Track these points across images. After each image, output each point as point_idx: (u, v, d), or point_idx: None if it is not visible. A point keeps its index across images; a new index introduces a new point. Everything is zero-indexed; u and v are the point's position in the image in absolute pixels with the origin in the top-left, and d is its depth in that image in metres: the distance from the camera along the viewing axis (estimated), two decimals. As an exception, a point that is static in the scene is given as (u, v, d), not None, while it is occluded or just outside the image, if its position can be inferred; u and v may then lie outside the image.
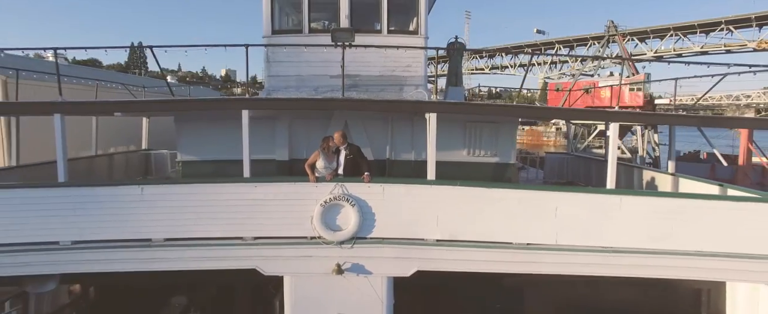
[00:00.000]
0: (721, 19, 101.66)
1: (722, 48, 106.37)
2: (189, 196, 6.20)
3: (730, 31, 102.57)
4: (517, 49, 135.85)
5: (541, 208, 6.32)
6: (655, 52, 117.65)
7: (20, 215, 6.06)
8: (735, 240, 6.33)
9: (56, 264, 6.21)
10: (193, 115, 7.49)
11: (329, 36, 6.63)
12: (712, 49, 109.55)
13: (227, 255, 6.23)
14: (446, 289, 6.96)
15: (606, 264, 6.35)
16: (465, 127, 8.10)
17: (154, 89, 14.83)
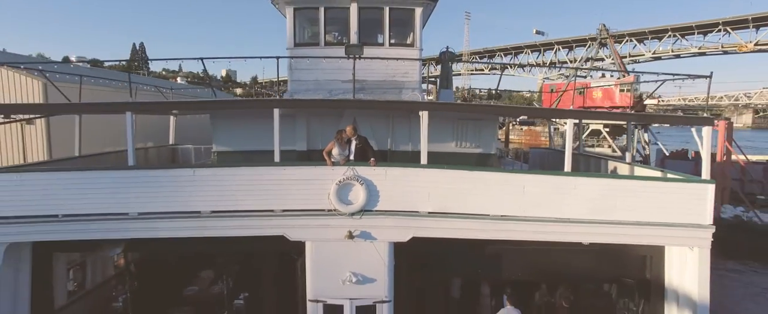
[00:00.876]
0: (719, 20, 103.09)
1: (720, 49, 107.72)
2: (231, 177, 7.87)
3: (728, 32, 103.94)
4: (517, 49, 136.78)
5: (512, 187, 8.00)
6: (653, 53, 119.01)
7: (100, 192, 7.73)
8: (668, 213, 8.00)
9: (126, 231, 7.87)
10: (227, 112, 9.18)
11: (341, 48, 8.32)
12: (709, 50, 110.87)
13: (261, 224, 7.88)
14: (437, 255, 8.62)
15: (565, 232, 8.02)
16: (454, 124, 9.80)
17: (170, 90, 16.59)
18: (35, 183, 7.75)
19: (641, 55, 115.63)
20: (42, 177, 7.86)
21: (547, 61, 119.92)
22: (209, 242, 8.13)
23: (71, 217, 7.75)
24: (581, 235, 8.07)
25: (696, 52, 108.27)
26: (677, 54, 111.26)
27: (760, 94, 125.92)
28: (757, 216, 22.02)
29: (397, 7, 9.26)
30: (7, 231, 7.66)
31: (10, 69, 15.66)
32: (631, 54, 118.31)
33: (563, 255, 8.99)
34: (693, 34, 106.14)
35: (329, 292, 7.96)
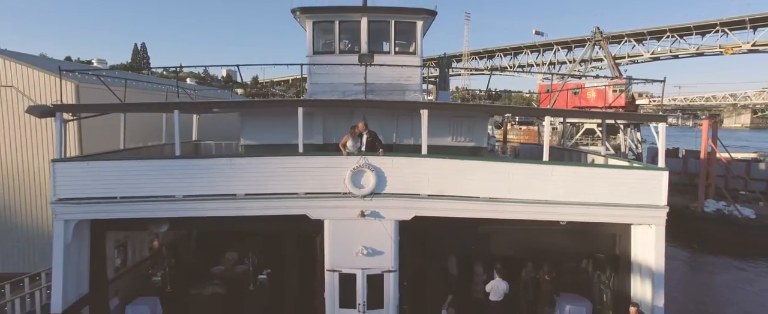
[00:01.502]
0: (717, 21, 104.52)
1: (718, 49, 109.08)
2: (262, 165, 9.41)
3: (725, 33, 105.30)
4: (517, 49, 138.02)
5: (499, 174, 9.54)
6: (651, 53, 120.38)
7: (151, 177, 9.26)
8: (631, 196, 9.53)
9: (173, 211, 9.40)
10: (255, 111, 10.73)
11: (352, 55, 9.86)
12: (707, 51, 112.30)
13: (286, 205, 9.41)
14: (436, 233, 10.14)
15: (544, 211, 9.53)
16: (450, 121, 11.35)
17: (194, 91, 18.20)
18: (99, 171, 9.30)
19: (640, 55, 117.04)
20: (104, 165, 9.41)
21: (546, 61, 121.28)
22: (242, 220, 9.67)
23: (127, 199, 9.30)
24: (558, 215, 9.59)
25: (694, 52, 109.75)
26: (675, 54, 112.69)
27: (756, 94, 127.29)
28: (738, 211, 23.58)
29: (401, 20, 10.85)
30: (76, 210, 9.20)
31: (44, 71, 17.21)
32: (629, 54, 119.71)
33: (545, 234, 10.54)
34: (691, 35, 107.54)
35: (344, 263, 9.49)
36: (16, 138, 17.05)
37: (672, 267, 20.63)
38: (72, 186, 9.22)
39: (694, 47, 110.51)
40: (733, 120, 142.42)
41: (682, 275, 20.50)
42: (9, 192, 17.24)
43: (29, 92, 16.82)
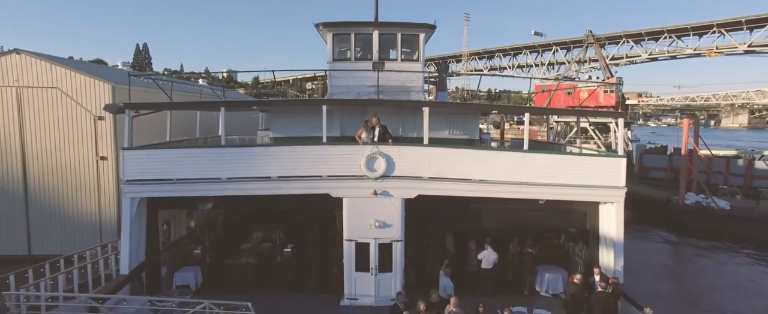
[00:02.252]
0: (713, 22, 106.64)
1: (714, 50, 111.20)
2: (292, 153, 11.55)
3: (722, 34, 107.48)
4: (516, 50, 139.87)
5: (487, 160, 11.68)
6: (649, 54, 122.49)
7: (202, 163, 11.39)
8: (597, 178, 11.65)
9: (218, 190, 11.53)
10: (284, 108, 12.90)
11: (365, 62, 11.98)
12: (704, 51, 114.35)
13: (312, 186, 11.52)
14: (435, 210, 12.25)
15: (525, 191, 11.63)
16: (447, 117, 13.50)
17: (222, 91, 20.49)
18: (159, 157, 11.46)
19: (638, 56, 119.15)
20: (163, 153, 11.57)
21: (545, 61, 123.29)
22: (274, 199, 11.80)
23: (182, 180, 11.43)
24: (537, 194, 11.70)
25: (691, 53, 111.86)
26: (673, 55, 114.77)
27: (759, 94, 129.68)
28: (715, 203, 25.77)
29: (406, 33, 13.03)
30: (140, 190, 11.34)
31: (83, 73, 19.35)
32: (628, 55, 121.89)
33: (527, 213, 12.66)
34: (688, 36, 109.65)
35: (360, 234, 11.62)
36: (59, 134, 19.17)
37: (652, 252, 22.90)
38: (137, 170, 11.36)
39: (691, 48, 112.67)
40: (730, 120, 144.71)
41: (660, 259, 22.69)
42: (52, 182, 19.36)
43: (71, 93, 18.95)
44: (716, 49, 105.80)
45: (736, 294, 18.01)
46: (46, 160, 19.27)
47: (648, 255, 22.45)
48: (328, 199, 11.57)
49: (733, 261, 21.72)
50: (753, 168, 30.42)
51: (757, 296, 17.75)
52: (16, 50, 18.95)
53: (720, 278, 19.70)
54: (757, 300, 17.37)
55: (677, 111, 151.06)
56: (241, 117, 21.51)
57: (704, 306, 16.84)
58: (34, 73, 18.83)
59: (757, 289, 18.50)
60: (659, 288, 18.34)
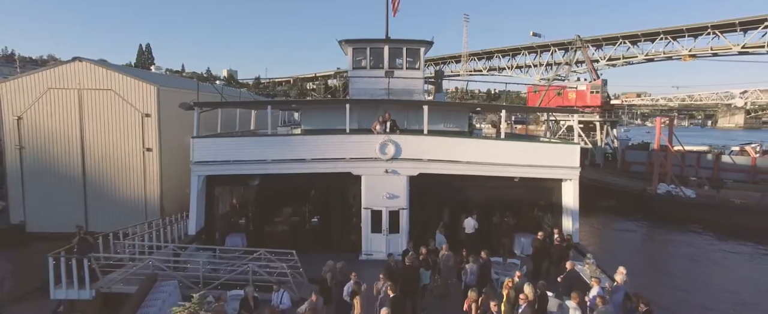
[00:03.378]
0: (708, 23, 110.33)
1: (709, 51, 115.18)
2: (323, 139, 15.23)
3: (717, 36, 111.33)
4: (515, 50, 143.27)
5: (473, 146, 15.36)
6: (645, 55, 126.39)
7: (253, 148, 15.06)
8: (559, 161, 15.33)
9: (263, 169, 15.19)
10: (313, 106, 16.61)
11: (377, 70, 15.68)
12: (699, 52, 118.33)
13: (338, 166, 15.16)
14: (432, 189, 15.88)
15: (503, 170, 15.31)
16: (443, 113, 17.20)
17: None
18: (220, 144, 15.12)
19: (634, 57, 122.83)
20: (223, 141, 15.25)
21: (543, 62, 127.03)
22: (307, 177, 15.46)
23: (238, 162, 15.10)
24: (513, 173, 15.36)
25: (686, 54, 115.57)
26: (669, 56, 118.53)
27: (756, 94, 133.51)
28: (682, 192, 29.49)
29: (410, 47, 16.78)
30: (205, 169, 15.00)
31: (133, 77, 23.01)
32: (624, 56, 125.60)
33: (506, 189, 16.30)
34: (684, 37, 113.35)
35: (374, 203, 15.27)
36: (112, 129, 22.84)
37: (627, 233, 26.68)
38: (203, 154, 15.03)
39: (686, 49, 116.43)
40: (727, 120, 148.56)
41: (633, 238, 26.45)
42: (106, 170, 23.02)
43: (123, 94, 22.62)
44: (690, 53, 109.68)
45: (692, 262, 21.81)
46: (101, 151, 22.94)
47: (624, 235, 26.24)
48: (349, 177, 15.23)
49: (692, 240, 25.48)
50: (720, 162, 34.19)
51: (710, 263, 21.55)
52: (78, 58, 22.61)
53: (679, 250, 23.48)
54: (708, 266, 21.16)
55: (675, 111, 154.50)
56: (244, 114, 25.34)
57: (663, 270, 20.59)
58: (92, 77, 22.50)
59: (710, 259, 22.27)
60: (629, 258, 22.04)
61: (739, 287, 18.65)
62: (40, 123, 22.45)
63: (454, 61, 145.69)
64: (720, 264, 21.87)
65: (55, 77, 22.34)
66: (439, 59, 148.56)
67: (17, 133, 22.37)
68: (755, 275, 20.31)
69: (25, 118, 22.31)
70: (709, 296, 17.80)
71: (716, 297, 17.73)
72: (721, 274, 20.44)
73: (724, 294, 17.87)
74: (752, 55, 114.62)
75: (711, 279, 19.79)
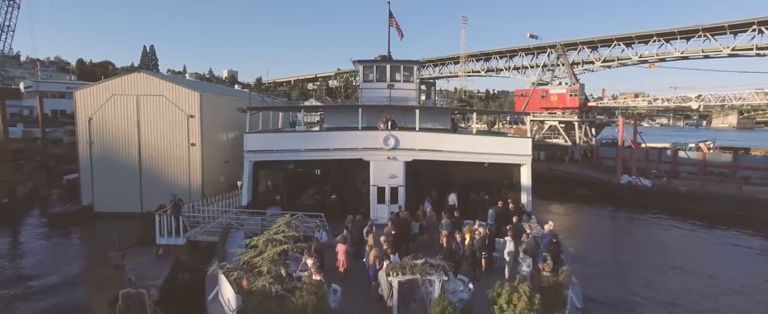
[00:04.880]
0: (699, 26, 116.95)
1: (700, 53, 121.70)
2: (343, 135, 21.29)
3: (708, 38, 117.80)
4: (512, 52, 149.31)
5: (453, 139, 21.43)
6: (639, 56, 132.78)
7: (290, 140, 21.10)
8: (517, 150, 21.39)
9: (297, 157, 21.25)
10: (333, 110, 22.70)
11: (382, 83, 21.75)
12: (691, 54, 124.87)
13: (353, 154, 21.16)
14: (423, 172, 21.87)
15: (476, 157, 21.33)
16: (431, 115, 23.28)
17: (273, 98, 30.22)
18: (265, 137, 21.14)
19: (629, 58, 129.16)
20: (268, 135, 21.27)
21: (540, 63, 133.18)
22: (330, 162, 21.46)
23: (279, 151, 21.13)
24: (483, 159, 21.38)
25: (679, 56, 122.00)
26: (662, 57, 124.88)
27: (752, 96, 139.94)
28: (640, 182, 35.60)
29: (407, 65, 22.86)
30: (254, 156, 21.02)
31: (180, 85, 29.01)
32: (619, 57, 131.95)
33: (479, 172, 22.33)
34: (676, 39, 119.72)
35: (379, 182, 21.26)
36: (163, 127, 28.80)
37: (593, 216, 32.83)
38: (253, 145, 21.02)
39: (678, 51, 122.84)
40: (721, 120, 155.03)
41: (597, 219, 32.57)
42: (158, 161, 28.99)
43: (172, 99, 28.59)
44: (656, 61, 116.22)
45: (641, 234, 28.01)
46: (154, 146, 28.91)
47: (592, 216, 32.42)
48: (361, 162, 21.21)
49: (644, 219, 31.61)
50: (677, 157, 40.32)
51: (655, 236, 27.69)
52: (137, 70, 28.59)
53: (633, 227, 29.65)
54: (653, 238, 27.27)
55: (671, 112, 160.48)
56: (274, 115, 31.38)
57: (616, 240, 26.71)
58: (147, 86, 28.51)
59: (655, 233, 28.41)
60: (593, 232, 28.17)
61: (674, 254, 24.72)
62: (105, 123, 28.44)
63: (452, 62, 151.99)
64: (663, 237, 27.98)
65: (118, 86, 28.36)
66: (437, 60, 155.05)
67: (88, 131, 28.36)
68: (688, 245, 26.34)
69: (95, 118, 28.31)
70: (647, 259, 23.84)
71: (652, 260, 23.77)
72: (662, 244, 26.57)
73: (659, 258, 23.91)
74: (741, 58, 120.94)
75: (653, 248, 25.92)
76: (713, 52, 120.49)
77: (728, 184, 33.47)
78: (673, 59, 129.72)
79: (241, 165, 21.37)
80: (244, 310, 11.02)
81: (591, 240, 27.74)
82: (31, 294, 17.79)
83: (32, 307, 16.83)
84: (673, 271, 21.32)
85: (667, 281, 19.93)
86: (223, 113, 30.82)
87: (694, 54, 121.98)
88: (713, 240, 27.07)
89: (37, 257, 22.36)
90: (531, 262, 14.28)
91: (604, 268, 21.87)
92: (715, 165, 39.04)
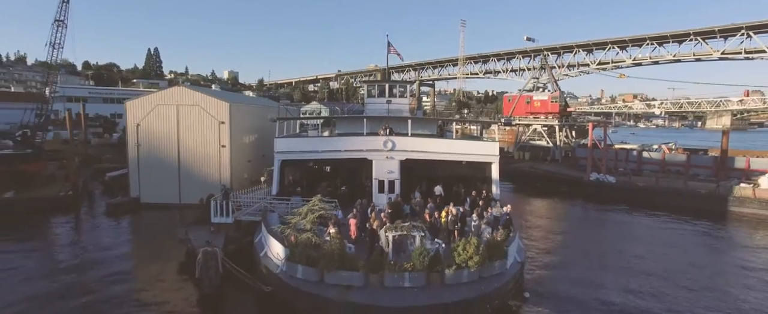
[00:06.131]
0: (690, 30, 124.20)
1: (691, 57, 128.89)
2: (352, 138, 28.05)
3: (699, 42, 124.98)
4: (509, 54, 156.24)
5: (438, 142, 28.21)
6: (633, 59, 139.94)
7: (312, 142, 27.83)
8: (489, 151, 28.14)
9: (316, 155, 28.07)
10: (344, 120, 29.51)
11: (382, 98, 28.48)
12: (684, 57, 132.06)
13: (359, 154, 27.88)
14: (415, 169, 28.55)
15: (457, 156, 28.08)
16: (421, 123, 30.06)
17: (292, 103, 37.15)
18: (290, 141, 27.86)
19: (623, 61, 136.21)
20: (292, 139, 27.97)
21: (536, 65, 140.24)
22: (340, 161, 28.17)
23: (301, 151, 27.86)
24: (461, 158, 28.10)
25: (671, 59, 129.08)
26: (656, 60, 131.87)
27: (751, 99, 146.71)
28: (606, 178, 42.36)
29: (402, 85, 29.57)
30: (282, 155, 27.73)
31: (213, 96, 35.69)
32: (613, 60, 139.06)
33: (459, 169, 29.08)
34: (669, 43, 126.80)
35: (380, 176, 27.99)
36: (198, 132, 35.49)
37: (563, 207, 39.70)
38: (281, 147, 27.73)
39: (671, 54, 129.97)
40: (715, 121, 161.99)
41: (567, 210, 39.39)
42: (193, 160, 35.69)
43: (206, 108, 35.29)
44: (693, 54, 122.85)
45: (601, 222, 34.68)
46: (190, 147, 35.60)
47: (565, 208, 39.18)
48: (366, 161, 27.87)
49: (607, 209, 38.40)
50: (642, 157, 47.06)
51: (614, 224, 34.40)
52: (176, 84, 35.32)
53: (594, 216, 36.40)
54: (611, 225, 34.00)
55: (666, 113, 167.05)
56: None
57: (577, 226, 33.42)
58: (185, 97, 35.23)
59: (614, 221, 35.14)
60: (562, 221, 34.87)
61: (625, 237, 31.45)
62: (150, 128, 35.14)
63: (451, 64, 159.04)
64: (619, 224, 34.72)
65: (161, 97, 35.10)
66: (437, 62, 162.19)
67: (136, 135, 35.06)
68: (638, 230, 32.98)
69: (142, 124, 35.00)
70: (603, 241, 30.57)
71: (606, 241, 30.50)
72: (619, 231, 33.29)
73: (612, 240, 30.63)
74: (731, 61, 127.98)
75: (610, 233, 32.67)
76: (704, 56, 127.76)
77: (677, 180, 40.20)
78: (666, 62, 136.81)
79: (261, 163, 28.03)
80: (291, 256, 17.69)
81: (559, 223, 34.46)
82: (114, 258, 24.46)
83: (122, 264, 23.52)
84: (621, 249, 27.96)
85: (615, 257, 26.48)
86: (246, 120, 37.56)
87: (686, 57, 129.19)
88: (659, 225, 33.72)
89: (110, 233, 29.15)
90: (490, 231, 20.98)
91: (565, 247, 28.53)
92: (672, 164, 45.75)
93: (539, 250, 27.04)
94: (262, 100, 46.01)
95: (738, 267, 24.48)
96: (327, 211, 19.24)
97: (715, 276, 22.93)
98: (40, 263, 23.98)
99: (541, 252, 26.85)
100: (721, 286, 21.48)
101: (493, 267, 17.70)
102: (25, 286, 20.45)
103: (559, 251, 27.36)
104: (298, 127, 33.36)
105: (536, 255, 25.97)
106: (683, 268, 23.92)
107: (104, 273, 22.21)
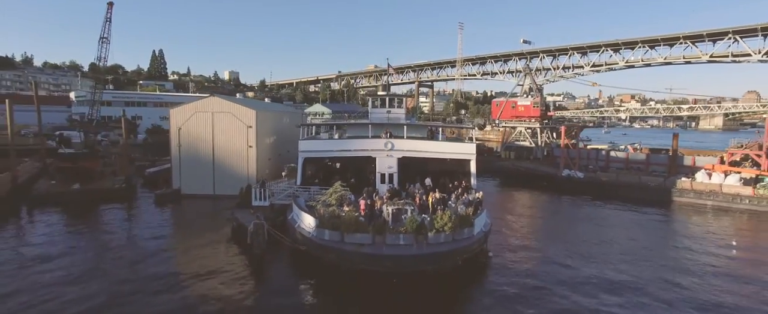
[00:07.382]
0: (680, 34, 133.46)
1: (681, 60, 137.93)
2: (360, 140, 36.72)
3: (688, 45, 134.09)
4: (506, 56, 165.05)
5: (428, 143, 36.88)
6: (626, 62, 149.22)
7: (326, 144, 36.51)
8: (467, 150, 36.83)
9: (331, 154, 36.76)
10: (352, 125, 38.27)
11: (383, 108, 37.22)
12: (674, 60, 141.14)
13: (365, 153, 36.51)
14: (410, 165, 37.16)
15: (443, 155, 36.73)
16: (414, 128, 38.80)
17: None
18: (312, 142, 36.55)
19: (616, 63, 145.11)
20: (314, 141, 36.67)
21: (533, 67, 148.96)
22: (349, 159, 36.83)
23: (321, 150, 36.53)
24: (447, 156, 36.77)
25: (662, 62, 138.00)
26: (647, 63, 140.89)
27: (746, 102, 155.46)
28: (576, 174, 51.14)
29: (399, 97, 38.24)
30: (305, 154, 36.36)
31: (241, 105, 44.31)
32: (607, 63, 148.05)
33: (445, 165, 37.76)
34: (660, 46, 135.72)
35: (382, 170, 36.58)
36: (229, 134, 44.11)
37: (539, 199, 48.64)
38: (304, 147, 36.35)
39: (662, 57, 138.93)
40: (708, 122, 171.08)
41: (542, 201, 48.19)
42: (226, 158, 44.33)
43: (236, 114, 43.92)
44: (683, 57, 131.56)
45: (570, 214, 43.37)
46: (223, 147, 44.22)
47: (536, 200, 47.88)
48: (370, 158, 36.46)
49: (574, 201, 47.10)
50: (610, 156, 55.80)
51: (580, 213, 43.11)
52: (212, 95, 43.93)
53: (561, 206, 45.15)
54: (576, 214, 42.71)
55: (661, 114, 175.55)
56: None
57: (545, 213, 42.12)
58: (220, 105, 43.88)
59: (585, 213, 43.85)
60: (535, 210, 43.55)
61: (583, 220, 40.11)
62: (190, 131, 43.75)
63: (449, 65, 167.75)
64: (581, 210, 43.38)
65: (199, 105, 43.76)
66: (435, 64, 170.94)
67: (178, 137, 43.68)
68: (595, 215, 41.62)
69: (183, 128, 43.63)
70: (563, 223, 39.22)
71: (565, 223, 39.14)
72: (578, 215, 41.97)
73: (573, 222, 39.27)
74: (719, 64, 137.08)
75: (571, 217, 41.32)
76: (694, 59, 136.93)
77: (633, 175, 48.89)
78: (658, 65, 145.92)
79: (278, 161, 36.19)
80: (320, 223, 26.29)
81: (530, 210, 43.12)
82: (171, 235, 33.08)
83: (181, 239, 32.14)
84: (576, 228, 36.64)
85: (569, 233, 35.17)
86: (268, 124, 46.16)
87: (677, 60, 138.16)
88: (613, 211, 42.38)
89: (162, 217, 37.82)
90: (464, 208, 29.65)
91: (529, 225, 37.17)
92: (634, 162, 54.45)
93: (509, 229, 35.79)
94: (279, 106, 54.68)
95: (670, 241, 33.23)
96: (345, 194, 27.93)
97: (650, 248, 31.55)
98: (114, 237, 32.46)
99: (511, 230, 35.58)
100: (652, 256, 29.83)
101: (462, 233, 26.28)
102: (109, 254, 28.68)
103: (523, 228, 36.19)
104: (313, 131, 42.01)
105: (506, 231, 34.72)
106: (623, 241, 32.67)
107: (165, 246, 30.67)
